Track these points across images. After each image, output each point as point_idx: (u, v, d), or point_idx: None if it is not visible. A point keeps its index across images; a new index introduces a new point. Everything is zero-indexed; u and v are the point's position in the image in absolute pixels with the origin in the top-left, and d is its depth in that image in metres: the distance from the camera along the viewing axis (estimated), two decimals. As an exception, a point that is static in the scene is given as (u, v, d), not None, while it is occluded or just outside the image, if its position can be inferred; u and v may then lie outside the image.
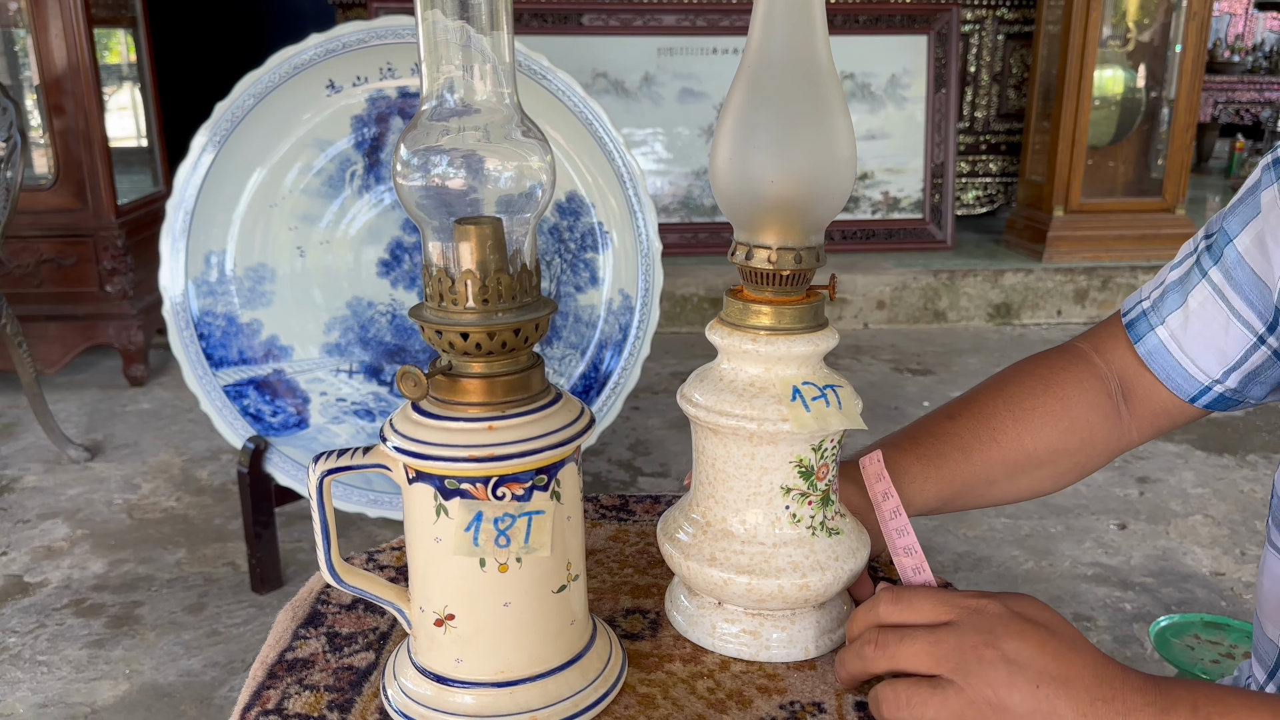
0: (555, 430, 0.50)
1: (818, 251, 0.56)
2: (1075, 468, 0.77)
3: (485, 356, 0.50)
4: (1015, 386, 0.76)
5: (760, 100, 0.54)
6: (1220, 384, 0.72)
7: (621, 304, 1.89)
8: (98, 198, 2.84)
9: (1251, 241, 0.69)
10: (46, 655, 1.73)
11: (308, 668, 0.59)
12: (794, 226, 0.55)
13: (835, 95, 0.54)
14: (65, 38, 2.75)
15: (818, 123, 0.54)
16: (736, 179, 0.55)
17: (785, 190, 0.54)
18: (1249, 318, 0.69)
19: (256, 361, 1.87)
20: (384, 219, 1.90)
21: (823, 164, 0.54)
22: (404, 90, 1.85)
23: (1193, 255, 0.73)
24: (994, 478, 0.74)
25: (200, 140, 1.78)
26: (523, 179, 0.51)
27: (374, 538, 2.11)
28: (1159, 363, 0.73)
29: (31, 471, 2.44)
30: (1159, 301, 0.74)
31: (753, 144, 0.54)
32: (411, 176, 0.50)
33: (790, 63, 0.54)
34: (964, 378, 3.10)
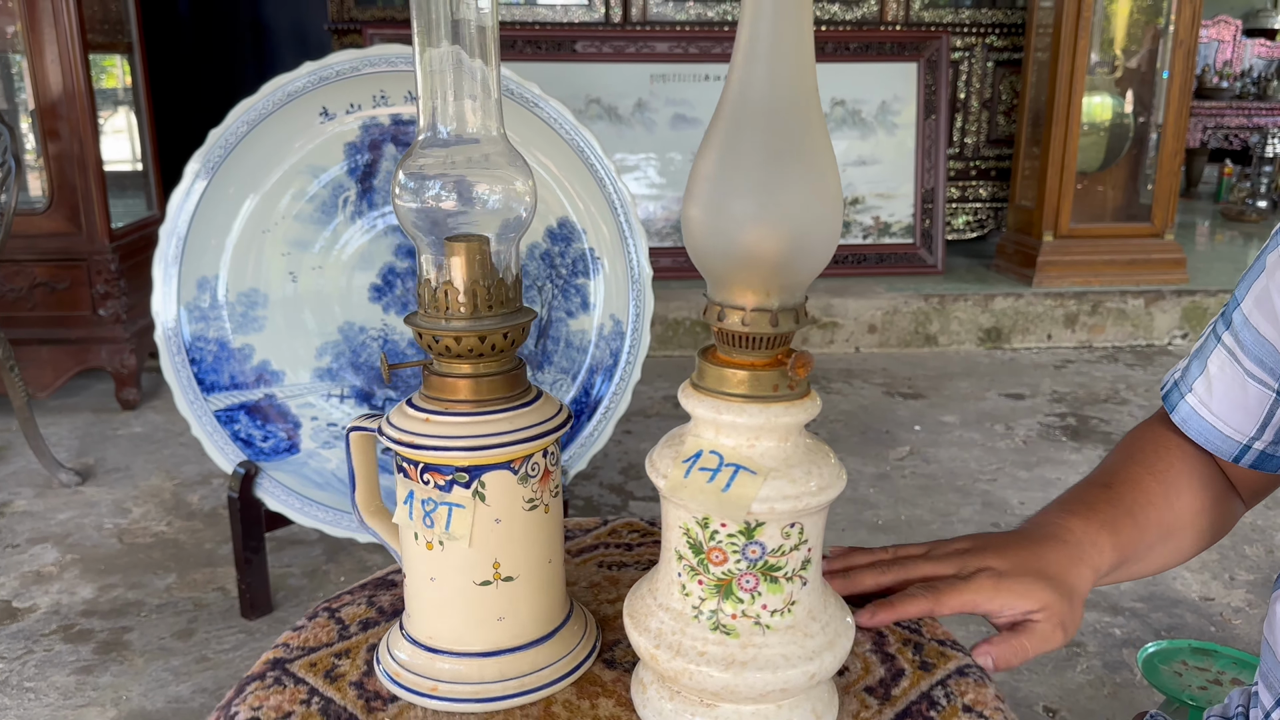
0: (478, 435, 0.56)
1: (797, 313, 0.51)
2: (1210, 527, 0.80)
3: (473, 359, 0.57)
4: (1149, 454, 0.79)
5: (739, 146, 0.48)
6: (1257, 440, 0.75)
7: (613, 329, 1.90)
8: (91, 222, 2.85)
9: (1254, 303, 0.72)
10: (34, 682, 1.73)
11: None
12: (773, 285, 0.50)
13: (823, 143, 0.49)
14: (61, 62, 2.77)
15: (803, 173, 0.48)
16: (710, 232, 0.49)
17: (765, 246, 0.48)
18: (1261, 376, 0.72)
19: (248, 386, 1.88)
20: (376, 244, 1.91)
21: (807, 218, 0.49)
22: (397, 117, 1.87)
23: (1212, 324, 0.78)
24: (1151, 542, 0.76)
25: (193, 167, 1.79)
26: (508, 201, 0.57)
27: (364, 562, 2.10)
28: (1194, 428, 0.77)
29: (22, 495, 2.44)
30: (1186, 371, 0.78)
31: (730, 194, 0.48)
32: (407, 199, 0.57)
33: (774, 106, 0.48)
34: (955, 401, 3.11)
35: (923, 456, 2.67)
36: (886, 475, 2.53)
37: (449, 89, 0.57)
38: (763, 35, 0.48)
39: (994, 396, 3.17)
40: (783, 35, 0.48)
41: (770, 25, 0.47)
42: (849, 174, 3.81)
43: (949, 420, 2.94)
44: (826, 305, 3.57)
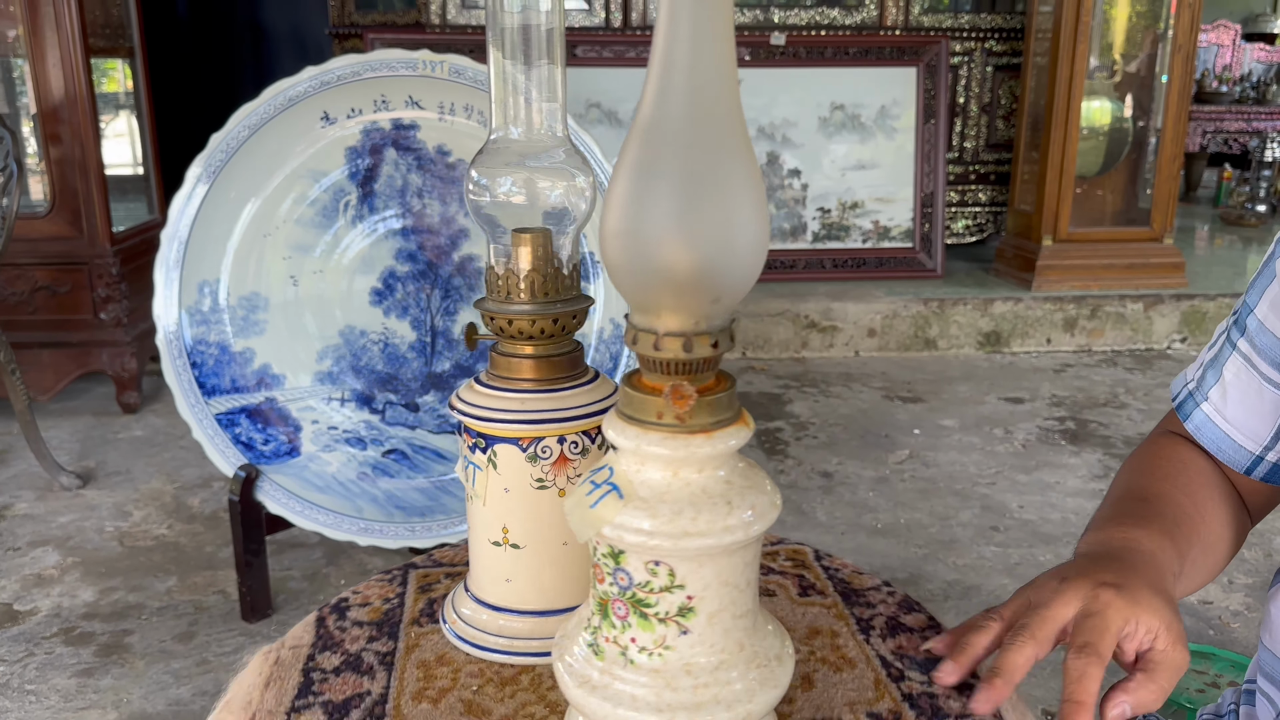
0: (497, 409, 0.63)
1: (717, 337, 0.48)
2: (1234, 541, 0.78)
3: (529, 340, 0.63)
4: (1172, 471, 0.77)
5: (656, 163, 0.45)
6: (1271, 450, 0.75)
7: (612, 332, 1.91)
8: (93, 226, 2.86)
9: (1269, 308, 0.73)
10: (35, 684, 1.73)
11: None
12: (696, 307, 0.47)
13: (745, 161, 0.46)
14: (63, 67, 2.78)
15: (724, 190, 0.45)
16: (627, 253, 0.46)
17: (684, 267, 0.45)
18: (1278, 380, 0.73)
19: (249, 390, 1.88)
20: (377, 248, 1.91)
21: (728, 237, 0.46)
22: (398, 122, 1.87)
23: (1224, 332, 0.78)
24: (1195, 557, 0.72)
25: (195, 171, 1.80)
26: (569, 196, 0.64)
27: (364, 566, 2.11)
28: (1207, 436, 0.77)
29: (23, 499, 2.44)
30: (1200, 380, 0.79)
31: (646, 213, 0.45)
32: (479, 194, 0.63)
33: (692, 119, 0.45)
34: (954, 405, 3.11)
35: (922, 460, 2.68)
36: (886, 479, 2.54)
37: (518, 92, 0.63)
38: (680, 45, 0.44)
39: (993, 400, 3.18)
40: (701, 45, 0.44)
41: (688, 33, 0.44)
42: (849, 178, 3.82)
43: (948, 424, 2.95)
44: (826, 309, 3.57)
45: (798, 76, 3.75)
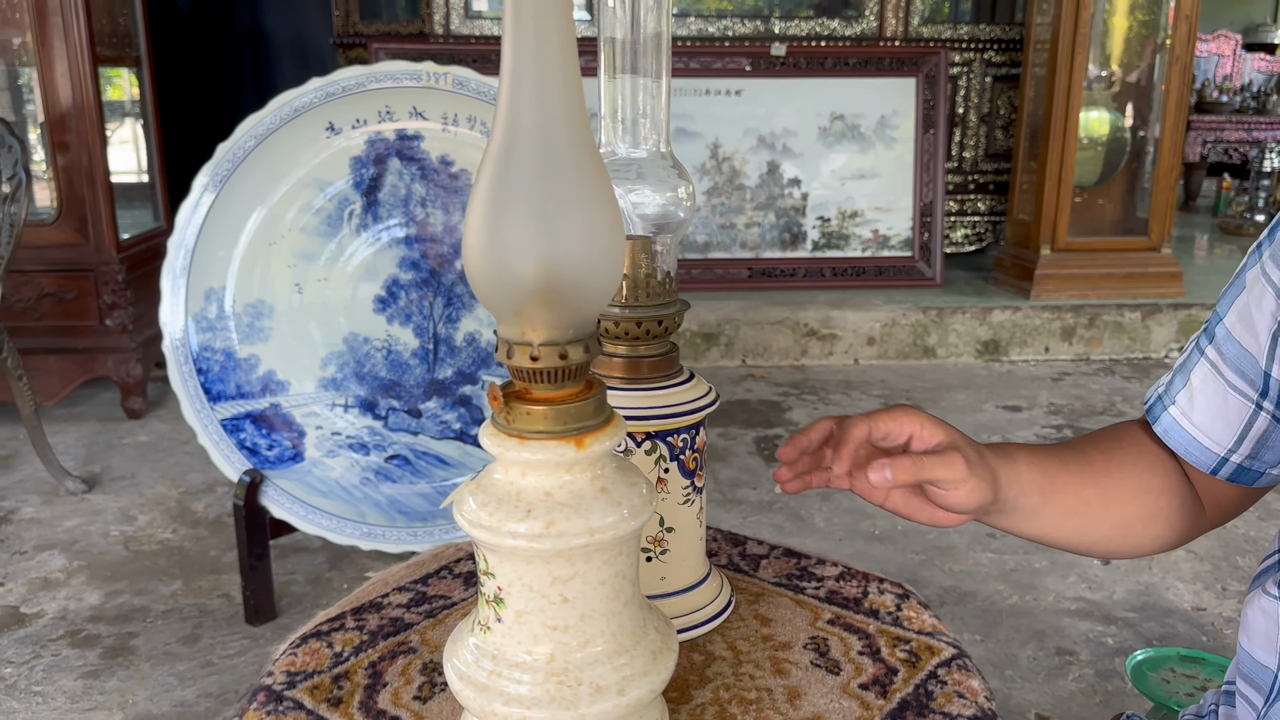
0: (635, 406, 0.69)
1: (566, 348, 0.50)
2: (1161, 514, 0.82)
3: (630, 341, 0.68)
4: (1098, 435, 0.85)
5: (507, 187, 0.48)
6: (1234, 453, 0.78)
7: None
8: (99, 233, 2.89)
9: (1237, 317, 0.76)
10: (42, 686, 1.75)
11: None
12: (555, 317, 0.50)
13: (597, 175, 0.49)
14: (71, 76, 2.81)
15: (572, 210, 0.48)
16: (484, 271, 0.49)
17: (532, 282, 0.48)
18: (1243, 387, 0.76)
19: (254, 396, 1.91)
20: (381, 257, 1.94)
21: (576, 255, 0.49)
22: (401, 132, 1.90)
23: (1195, 339, 0.81)
24: (1087, 498, 0.80)
25: (201, 180, 1.82)
26: (669, 206, 0.68)
27: (366, 569, 2.13)
28: (1175, 439, 0.80)
29: (29, 503, 2.47)
30: (1169, 385, 0.82)
31: (499, 234, 0.48)
32: None
33: (541, 146, 0.48)
34: (952, 413, 3.14)
35: (920, 467, 2.69)
36: (884, 486, 2.55)
37: (626, 106, 0.67)
38: (525, 78, 0.47)
39: (991, 409, 3.20)
40: (546, 77, 0.47)
41: (532, 68, 0.47)
42: (848, 187, 3.85)
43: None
44: (826, 317, 3.60)
45: (798, 86, 3.78)
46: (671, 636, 0.57)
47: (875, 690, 0.67)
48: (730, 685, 0.67)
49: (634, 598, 0.55)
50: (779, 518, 2.41)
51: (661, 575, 0.73)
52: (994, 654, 1.87)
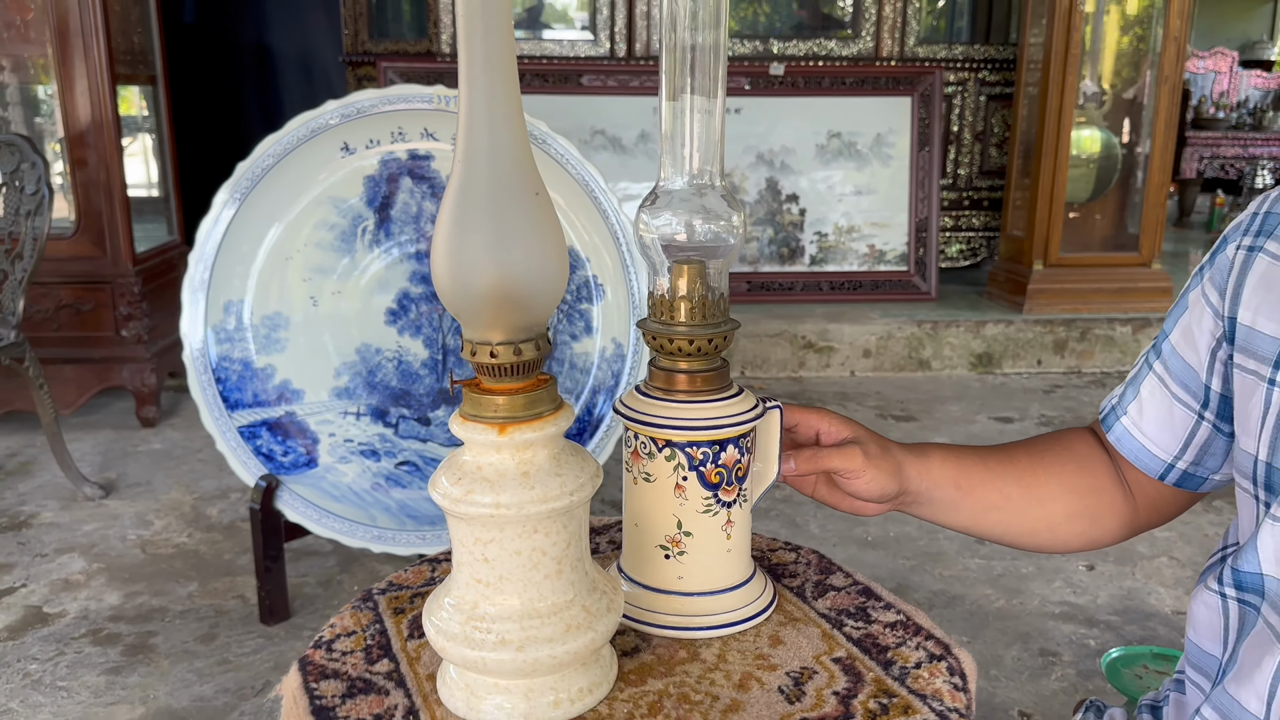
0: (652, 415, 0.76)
1: (538, 340, 0.61)
2: (1087, 513, 0.89)
3: (687, 357, 0.74)
4: (1031, 439, 0.93)
5: (467, 214, 0.58)
6: (1180, 459, 0.85)
7: (614, 352, 2.01)
8: (116, 246, 2.98)
9: (1181, 335, 0.84)
10: (66, 681, 1.83)
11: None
12: (507, 323, 0.60)
13: (541, 200, 0.60)
14: (90, 94, 2.90)
15: (527, 230, 0.59)
16: (449, 278, 0.59)
17: (500, 290, 0.59)
18: (1186, 399, 0.84)
19: (270, 404, 1.99)
20: (392, 271, 2.02)
21: (530, 266, 0.59)
22: (413, 153, 1.99)
23: (1145, 354, 0.89)
24: (1009, 495, 0.88)
25: (222, 197, 1.91)
26: (722, 234, 0.74)
27: (376, 573, 2.21)
28: (1126, 447, 0.88)
29: (48, 508, 2.55)
30: (1121, 397, 0.89)
31: (460, 253, 0.58)
32: (648, 232, 0.74)
33: (494, 170, 0.58)
34: (946, 424, 3.21)
35: (912, 476, 2.77)
36: (877, 494, 2.63)
37: (684, 144, 0.73)
38: (479, 127, 0.57)
39: (983, 419, 3.28)
40: (496, 123, 0.57)
41: (484, 115, 0.57)
42: (845, 203, 3.94)
43: (938, 441, 3.04)
44: (823, 330, 3.68)
45: (796, 105, 3.87)
46: (602, 620, 0.64)
47: (826, 717, 0.67)
48: (685, 684, 0.70)
49: (558, 573, 0.64)
50: (775, 524, 2.48)
51: (679, 575, 0.77)
52: (980, 655, 1.94)
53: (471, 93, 0.58)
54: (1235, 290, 0.79)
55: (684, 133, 0.73)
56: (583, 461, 0.65)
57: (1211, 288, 0.81)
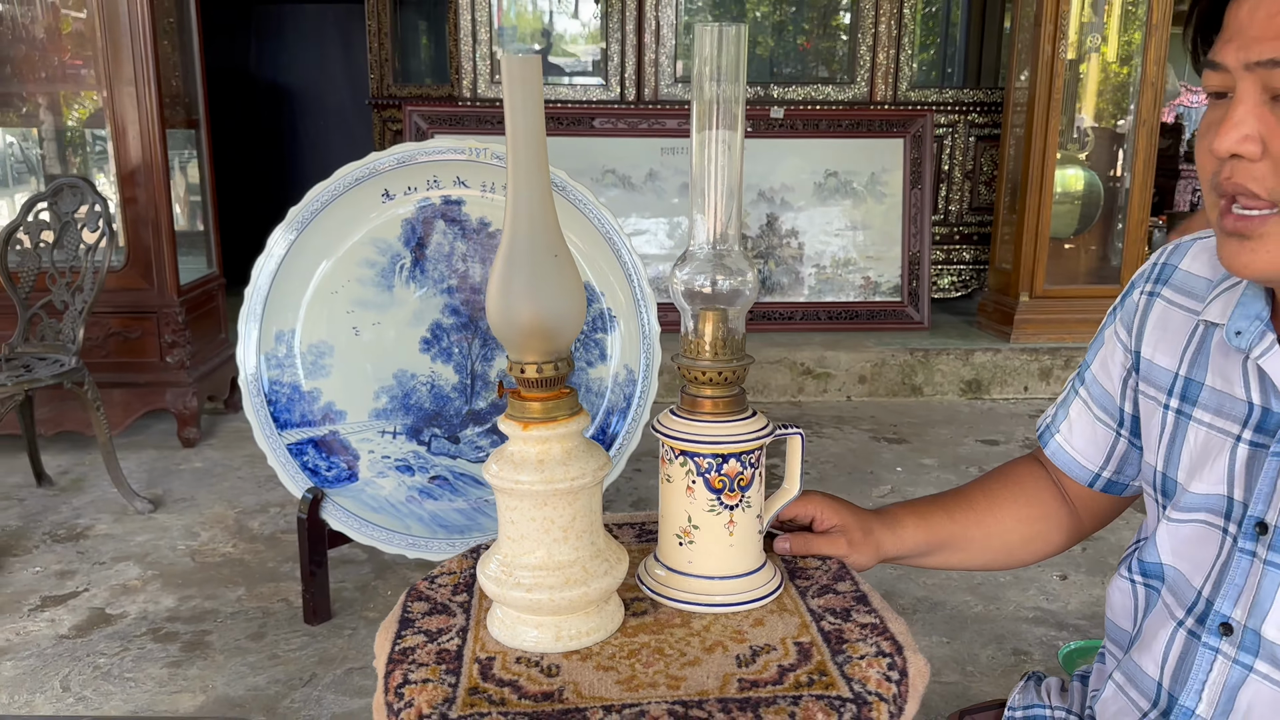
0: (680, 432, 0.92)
1: (561, 362, 0.83)
2: (1039, 537, 1.06)
3: (710, 384, 0.90)
4: (987, 478, 1.09)
5: (515, 265, 0.80)
6: (1105, 469, 1.01)
7: (626, 377, 2.22)
8: (163, 278, 3.20)
9: (1099, 366, 1.01)
10: (132, 673, 2.03)
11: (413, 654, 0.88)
12: (539, 349, 0.81)
13: (566, 261, 0.81)
14: (141, 139, 3.14)
15: (553, 281, 0.80)
16: (500, 318, 0.81)
17: (534, 325, 0.80)
18: (1105, 419, 1.00)
19: (315, 424, 2.20)
20: (426, 304, 2.24)
21: (554, 310, 0.80)
22: (447, 198, 2.21)
23: (1071, 380, 1.06)
24: (973, 538, 1.04)
25: (274, 238, 2.13)
26: (739, 287, 0.90)
27: (407, 579, 2.41)
28: (1060, 460, 1.03)
29: (102, 521, 2.76)
30: (1053, 418, 1.06)
31: (511, 295, 0.80)
32: (680, 286, 0.90)
33: (533, 241, 0.80)
34: (935, 446, 3.42)
35: (901, 494, 2.97)
36: (868, 510, 2.83)
37: (710, 215, 0.90)
38: (521, 199, 0.80)
39: (971, 442, 3.48)
40: (534, 198, 0.80)
41: (526, 190, 0.80)
42: (842, 238, 4.16)
43: (928, 463, 3.25)
44: (820, 357, 3.89)
45: (795, 146, 4.11)
46: (597, 580, 0.84)
47: (746, 683, 0.80)
48: (666, 642, 0.86)
49: (564, 539, 0.84)
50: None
51: (689, 559, 0.93)
52: (958, 654, 2.14)
53: (516, 186, 0.80)
54: (1139, 329, 0.94)
55: (710, 205, 0.90)
56: (590, 457, 0.84)
57: (1121, 326, 0.97)
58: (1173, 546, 0.86)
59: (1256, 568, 0.79)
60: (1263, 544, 0.78)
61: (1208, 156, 0.74)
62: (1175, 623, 0.85)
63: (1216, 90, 0.73)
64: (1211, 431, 0.85)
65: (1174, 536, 0.86)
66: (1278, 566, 0.77)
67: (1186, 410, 0.88)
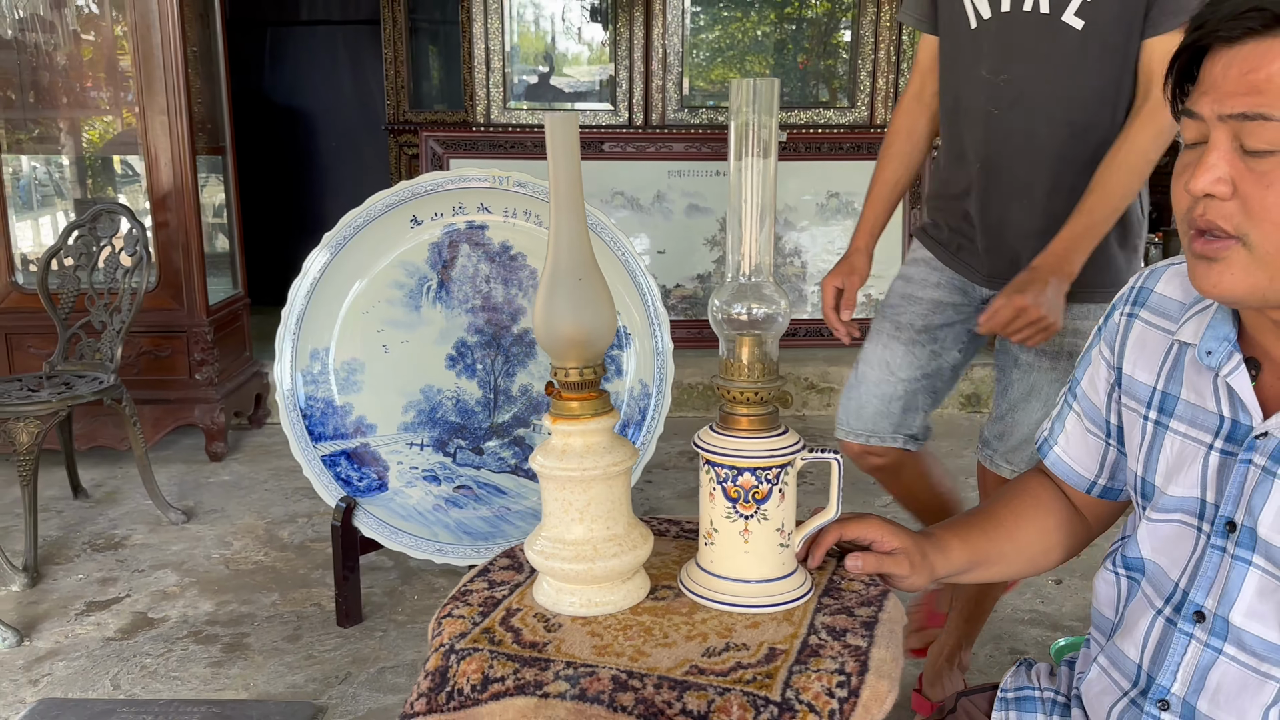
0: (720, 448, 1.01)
1: (595, 368, 0.98)
2: (1061, 544, 1.13)
3: (746, 404, 0.99)
4: (1007, 494, 1.17)
5: (558, 287, 0.95)
6: (1100, 477, 1.08)
7: (640, 391, 2.35)
8: (192, 299, 3.34)
9: (1088, 382, 1.07)
10: (178, 672, 2.15)
11: (469, 595, 1.05)
12: (579, 355, 0.97)
13: (599, 282, 0.96)
14: (173, 166, 3.28)
15: (588, 300, 0.96)
16: (545, 330, 0.97)
17: (573, 336, 0.96)
18: (1096, 431, 1.07)
19: (348, 436, 2.33)
20: (452, 323, 2.38)
21: (591, 323, 0.96)
22: (471, 224, 2.35)
23: (1064, 396, 1.15)
24: (1005, 551, 1.12)
25: (309, 261, 2.26)
26: (773, 314, 0.99)
27: (432, 585, 2.53)
28: (1060, 470, 1.11)
29: (138, 531, 2.88)
30: (1051, 430, 1.13)
31: (553, 312, 0.95)
32: (719, 314, 1.00)
33: (572, 266, 0.95)
34: (935, 458, 3.53)
35: (903, 504, 3.09)
36: (871, 519, 2.95)
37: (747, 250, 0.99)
38: (563, 229, 0.95)
39: (969, 455, 3.60)
40: (573, 227, 0.95)
41: (567, 220, 0.94)
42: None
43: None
44: (824, 372, 4.02)
45: (797, 169, 4.25)
46: (609, 560, 0.97)
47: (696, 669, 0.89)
48: (658, 624, 0.97)
49: (580, 519, 0.97)
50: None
51: (710, 559, 1.02)
52: (957, 652, 2.25)
53: (558, 221, 0.96)
54: (1120, 347, 1.02)
55: (747, 239, 1.00)
56: (612, 452, 0.97)
57: (1105, 345, 1.04)
58: (1153, 544, 0.95)
59: (1226, 562, 0.87)
60: (1232, 541, 0.87)
61: (1183, 194, 0.84)
62: (1154, 611, 0.94)
63: (1193, 140, 0.83)
64: (1186, 440, 0.93)
65: (1154, 535, 0.95)
66: (1245, 561, 0.86)
67: (1164, 421, 0.96)
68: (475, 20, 4.18)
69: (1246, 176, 0.79)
